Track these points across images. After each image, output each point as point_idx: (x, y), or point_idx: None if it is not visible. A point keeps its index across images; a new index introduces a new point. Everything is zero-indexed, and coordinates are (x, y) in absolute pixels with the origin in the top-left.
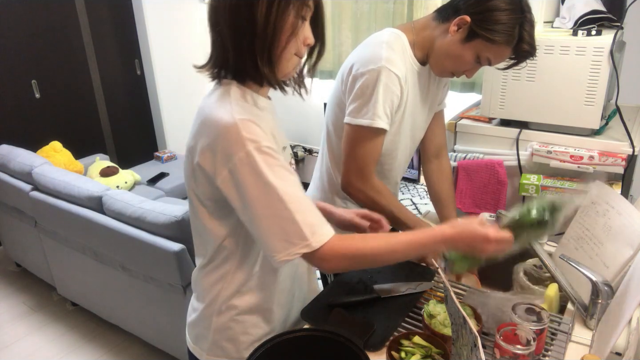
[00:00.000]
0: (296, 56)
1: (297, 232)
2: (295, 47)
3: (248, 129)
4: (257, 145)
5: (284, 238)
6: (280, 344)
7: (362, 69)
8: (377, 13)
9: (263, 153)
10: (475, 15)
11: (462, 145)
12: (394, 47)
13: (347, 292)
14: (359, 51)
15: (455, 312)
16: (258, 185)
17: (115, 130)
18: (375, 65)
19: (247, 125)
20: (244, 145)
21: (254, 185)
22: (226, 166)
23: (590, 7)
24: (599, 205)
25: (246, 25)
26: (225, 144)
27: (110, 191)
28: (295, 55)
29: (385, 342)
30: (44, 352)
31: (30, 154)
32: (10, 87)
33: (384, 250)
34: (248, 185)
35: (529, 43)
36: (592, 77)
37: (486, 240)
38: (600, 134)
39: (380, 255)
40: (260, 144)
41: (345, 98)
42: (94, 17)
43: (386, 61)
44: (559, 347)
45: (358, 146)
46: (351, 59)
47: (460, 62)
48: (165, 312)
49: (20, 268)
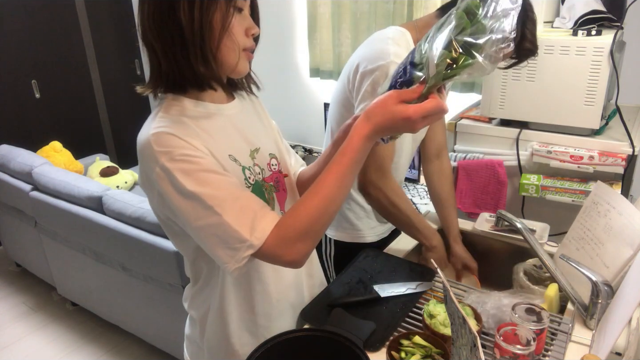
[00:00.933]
0: (243, 51)
1: (234, 235)
2: (231, 41)
3: (159, 141)
4: (169, 156)
5: (225, 245)
6: (280, 344)
7: (370, 66)
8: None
9: (177, 161)
10: None
11: (462, 145)
12: (400, 43)
13: (347, 292)
14: (363, 49)
15: (455, 312)
16: (181, 197)
17: (115, 130)
18: (384, 61)
19: (159, 137)
20: (157, 160)
21: (178, 199)
22: (154, 186)
23: (590, 7)
24: (600, 205)
25: (172, 29)
26: (145, 164)
27: (110, 191)
28: (243, 50)
29: (385, 342)
30: (44, 352)
31: (30, 154)
32: (10, 87)
33: (323, 203)
34: (172, 199)
35: (531, 41)
36: (592, 77)
37: (410, 122)
38: (600, 134)
39: (324, 208)
40: (173, 153)
41: (352, 97)
42: (94, 17)
43: (394, 56)
44: (559, 347)
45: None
46: (355, 58)
47: None
48: (165, 312)
49: (20, 268)
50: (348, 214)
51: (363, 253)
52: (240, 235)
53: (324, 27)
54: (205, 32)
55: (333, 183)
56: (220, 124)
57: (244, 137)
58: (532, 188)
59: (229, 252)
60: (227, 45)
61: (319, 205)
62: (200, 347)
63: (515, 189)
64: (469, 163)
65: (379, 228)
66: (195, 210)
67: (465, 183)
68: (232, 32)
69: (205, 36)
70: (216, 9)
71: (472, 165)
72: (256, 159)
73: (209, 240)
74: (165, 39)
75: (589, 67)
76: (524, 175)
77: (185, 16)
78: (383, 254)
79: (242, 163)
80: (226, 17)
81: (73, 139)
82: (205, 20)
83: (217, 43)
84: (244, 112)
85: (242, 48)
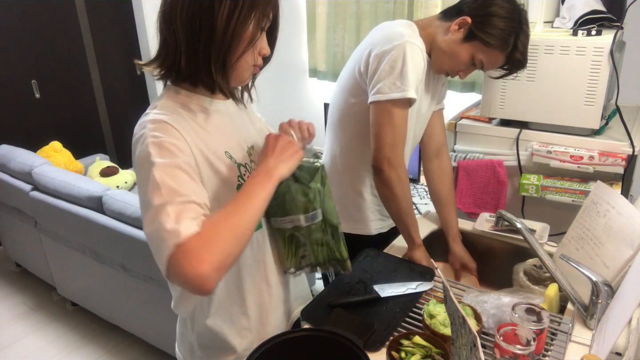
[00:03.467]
0: (253, 66)
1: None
2: (252, 57)
3: (154, 126)
4: (158, 140)
5: (158, 235)
6: (280, 344)
7: (386, 47)
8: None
9: (161, 148)
10: (476, 17)
11: (462, 145)
12: (410, 28)
13: (347, 292)
14: (374, 36)
15: (455, 312)
16: (147, 178)
17: (115, 130)
18: (399, 41)
19: (155, 123)
20: (145, 140)
21: (145, 177)
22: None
23: (590, 7)
24: (599, 205)
25: (204, 29)
26: (136, 144)
27: (110, 191)
28: (253, 65)
29: (385, 342)
30: (44, 352)
31: (30, 154)
32: (10, 87)
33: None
34: (140, 176)
35: (522, 53)
36: (592, 77)
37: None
38: (600, 134)
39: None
40: (162, 139)
41: (365, 82)
42: (94, 17)
43: (408, 36)
44: (559, 347)
45: (390, 121)
46: (367, 45)
47: (456, 61)
48: (165, 312)
49: (20, 268)
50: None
51: (363, 253)
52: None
53: (322, 27)
54: (234, 42)
55: (248, 216)
56: (218, 120)
57: (239, 134)
58: (532, 188)
59: (160, 240)
60: (246, 60)
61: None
62: (192, 345)
63: (515, 189)
64: (469, 163)
65: (379, 222)
66: (152, 194)
67: (465, 183)
68: (254, 49)
69: (232, 46)
70: (250, 23)
71: (472, 165)
72: (252, 156)
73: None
74: (193, 36)
75: (589, 67)
76: (524, 175)
77: (221, 21)
78: (383, 254)
79: (237, 160)
80: (255, 34)
81: (73, 139)
82: (238, 31)
83: (239, 55)
84: (238, 111)
85: (253, 64)
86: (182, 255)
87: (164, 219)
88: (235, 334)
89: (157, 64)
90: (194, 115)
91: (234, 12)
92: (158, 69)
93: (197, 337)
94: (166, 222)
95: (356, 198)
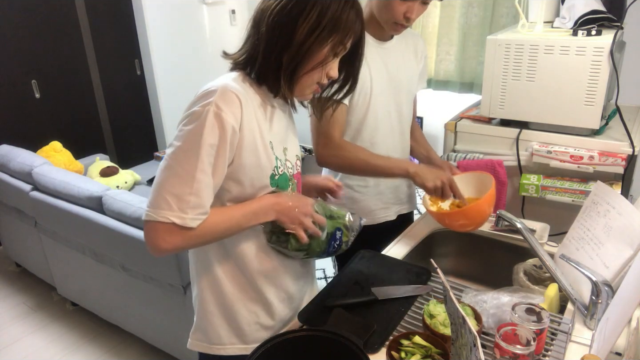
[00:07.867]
0: (317, 84)
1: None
2: (319, 76)
3: (223, 94)
4: (217, 110)
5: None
6: (280, 344)
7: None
8: None
9: (215, 117)
10: None
11: (462, 145)
12: None
13: (344, 294)
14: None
15: (455, 312)
16: (179, 134)
17: (115, 130)
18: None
19: (225, 92)
20: (208, 103)
21: (179, 131)
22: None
23: (590, 7)
24: (600, 205)
25: (283, 37)
26: (198, 100)
27: (110, 191)
28: (317, 83)
29: (385, 342)
30: (44, 352)
31: (30, 154)
32: (10, 87)
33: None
34: (181, 127)
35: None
36: (592, 77)
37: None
38: (600, 134)
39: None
40: (221, 109)
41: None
42: (94, 17)
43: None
44: (559, 347)
45: (319, 123)
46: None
47: (390, 6)
48: (165, 312)
49: (20, 268)
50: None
51: (359, 254)
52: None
53: None
54: (306, 57)
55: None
56: (274, 113)
57: (283, 133)
58: (532, 188)
59: (163, 199)
60: (312, 77)
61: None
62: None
63: (515, 189)
64: (469, 163)
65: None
66: (188, 159)
67: None
68: (323, 69)
69: (304, 60)
70: (326, 46)
71: (472, 165)
72: (287, 156)
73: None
74: (273, 40)
75: (589, 67)
76: (524, 175)
77: (300, 35)
78: (379, 255)
79: (276, 153)
80: (327, 57)
81: (73, 139)
82: (313, 49)
83: (307, 71)
84: (285, 111)
85: (317, 81)
86: (166, 231)
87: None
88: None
89: (239, 55)
90: (259, 98)
91: (314, 31)
92: (238, 59)
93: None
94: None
95: (350, 193)
